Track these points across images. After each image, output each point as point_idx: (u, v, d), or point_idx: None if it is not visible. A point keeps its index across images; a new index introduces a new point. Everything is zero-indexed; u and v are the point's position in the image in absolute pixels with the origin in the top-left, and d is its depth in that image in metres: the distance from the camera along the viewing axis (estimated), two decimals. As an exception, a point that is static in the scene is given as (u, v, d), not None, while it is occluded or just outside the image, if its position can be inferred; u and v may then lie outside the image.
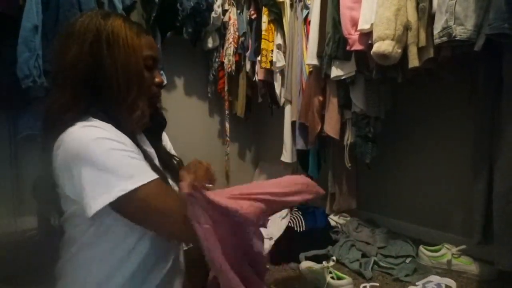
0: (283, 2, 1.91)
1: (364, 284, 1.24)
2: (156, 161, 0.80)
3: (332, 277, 1.20)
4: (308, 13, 1.73)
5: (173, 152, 0.98)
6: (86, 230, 0.67)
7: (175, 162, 0.89)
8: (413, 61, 1.20)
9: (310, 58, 1.64)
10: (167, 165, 0.83)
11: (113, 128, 0.67)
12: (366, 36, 1.32)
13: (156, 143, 0.85)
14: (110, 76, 0.68)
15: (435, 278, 1.24)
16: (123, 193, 0.59)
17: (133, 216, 0.64)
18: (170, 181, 0.81)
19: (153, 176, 0.64)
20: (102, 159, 0.61)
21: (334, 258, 1.34)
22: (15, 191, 1.80)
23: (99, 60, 0.68)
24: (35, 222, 1.80)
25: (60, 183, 0.66)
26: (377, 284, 1.25)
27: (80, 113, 0.67)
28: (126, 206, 0.62)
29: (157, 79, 0.76)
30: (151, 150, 0.80)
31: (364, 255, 1.43)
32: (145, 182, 0.62)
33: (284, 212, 1.92)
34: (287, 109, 1.95)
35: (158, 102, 0.82)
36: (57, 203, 0.69)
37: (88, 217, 0.60)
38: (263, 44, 2.00)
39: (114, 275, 0.68)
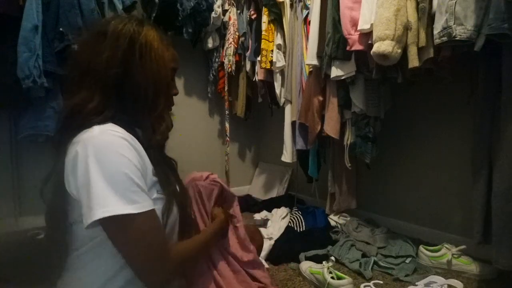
0: (283, 2, 1.91)
1: (366, 284, 1.24)
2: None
3: (332, 277, 1.20)
4: (308, 13, 1.74)
5: None
6: (93, 236, 0.67)
7: (174, 163, 0.89)
8: (413, 61, 1.20)
9: (310, 58, 1.65)
10: (170, 168, 0.84)
11: (134, 140, 0.67)
12: (366, 36, 1.32)
13: (164, 154, 0.85)
14: (139, 85, 0.69)
15: (438, 279, 1.25)
16: (120, 213, 0.59)
17: (118, 240, 0.63)
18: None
19: (151, 206, 0.65)
20: (112, 174, 0.61)
21: (333, 258, 1.35)
22: (16, 190, 1.81)
23: (131, 69, 0.68)
24: (36, 222, 1.82)
25: (67, 185, 0.65)
26: (381, 282, 1.25)
27: (108, 119, 0.67)
28: (117, 228, 0.62)
29: (174, 90, 0.79)
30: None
31: (364, 255, 1.43)
32: (144, 210, 0.62)
33: (284, 212, 1.93)
34: (287, 109, 1.95)
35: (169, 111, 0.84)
36: (64, 204, 0.68)
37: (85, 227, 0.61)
38: (263, 44, 2.01)
39: (116, 277, 0.68)
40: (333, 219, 1.82)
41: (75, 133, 0.65)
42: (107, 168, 0.61)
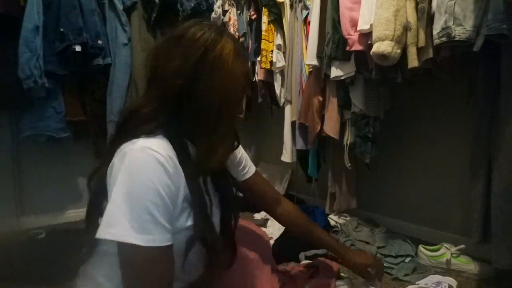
0: (283, 3, 1.91)
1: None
2: (214, 204, 0.73)
3: (331, 276, 1.20)
4: (308, 13, 1.74)
5: (247, 162, 0.98)
6: None
7: (237, 201, 0.84)
8: (413, 62, 1.20)
9: (310, 58, 1.65)
10: (228, 206, 0.79)
11: (174, 161, 0.62)
12: (366, 36, 1.32)
13: (223, 179, 0.79)
14: (204, 102, 0.64)
15: (435, 277, 1.25)
16: (122, 240, 0.57)
17: (121, 265, 0.61)
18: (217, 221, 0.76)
19: (164, 242, 0.59)
20: (133, 198, 0.58)
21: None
22: (17, 190, 1.81)
23: (197, 82, 0.64)
24: (37, 222, 1.83)
25: (107, 183, 0.64)
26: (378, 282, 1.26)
27: (157, 129, 0.64)
28: (121, 252, 0.60)
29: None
30: (214, 194, 0.75)
31: (363, 255, 1.44)
32: (153, 245, 0.58)
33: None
34: (287, 109, 1.96)
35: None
36: (103, 201, 0.65)
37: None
38: (263, 45, 2.01)
39: None
40: (333, 219, 1.82)
41: (124, 140, 0.63)
42: (131, 190, 0.58)
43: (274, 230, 1.71)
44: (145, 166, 0.59)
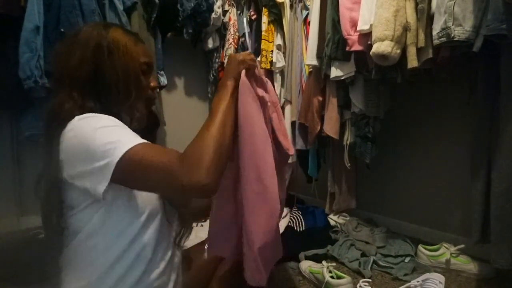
0: (283, 3, 1.92)
1: (359, 283, 1.25)
2: None
3: (331, 277, 1.21)
4: (307, 13, 1.74)
5: None
6: (90, 219, 0.69)
7: None
8: (412, 62, 1.20)
9: (310, 58, 1.65)
10: None
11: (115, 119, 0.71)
12: (366, 36, 1.32)
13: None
14: (110, 79, 0.74)
15: (425, 275, 1.25)
16: (118, 158, 0.62)
17: (135, 179, 0.65)
18: None
19: (144, 141, 0.67)
20: (100, 130, 0.65)
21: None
22: (18, 190, 1.82)
23: (100, 65, 0.74)
24: (37, 221, 1.82)
25: (64, 173, 0.68)
26: (370, 280, 1.26)
27: (87, 111, 0.71)
28: (126, 170, 0.63)
29: (152, 84, 0.83)
30: None
31: (363, 255, 1.44)
32: (136, 143, 0.64)
33: (284, 211, 1.94)
34: (287, 109, 1.96)
35: (153, 105, 0.87)
36: (60, 195, 0.71)
37: (98, 200, 0.65)
38: (263, 45, 2.01)
39: (115, 265, 0.70)
40: (333, 219, 1.82)
41: (61, 130, 0.69)
42: (94, 128, 0.65)
43: (274, 230, 1.71)
44: (93, 118, 0.68)
